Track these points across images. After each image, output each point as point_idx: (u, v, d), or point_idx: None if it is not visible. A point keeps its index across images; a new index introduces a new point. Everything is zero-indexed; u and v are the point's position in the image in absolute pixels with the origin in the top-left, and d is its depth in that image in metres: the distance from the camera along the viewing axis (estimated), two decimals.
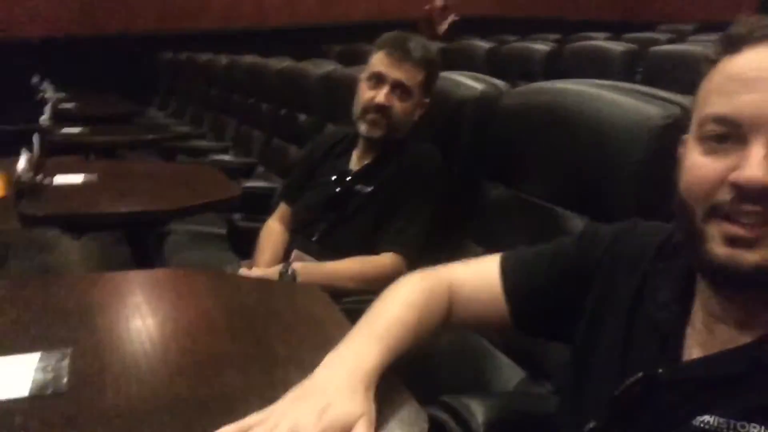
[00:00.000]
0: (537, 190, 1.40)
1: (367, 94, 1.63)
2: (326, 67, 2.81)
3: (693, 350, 0.69)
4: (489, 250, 1.53)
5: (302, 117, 2.90)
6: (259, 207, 2.29)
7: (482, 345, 1.35)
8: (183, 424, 0.73)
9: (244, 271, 1.56)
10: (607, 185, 1.19)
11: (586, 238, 0.88)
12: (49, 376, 0.81)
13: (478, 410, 1.02)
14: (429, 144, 1.67)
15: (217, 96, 4.39)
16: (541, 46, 4.10)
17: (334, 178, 1.70)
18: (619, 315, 0.78)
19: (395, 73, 1.60)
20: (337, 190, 1.67)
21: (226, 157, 3.36)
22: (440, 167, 1.63)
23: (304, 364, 0.77)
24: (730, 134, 0.63)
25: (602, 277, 0.83)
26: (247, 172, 3.10)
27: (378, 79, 1.62)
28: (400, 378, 0.79)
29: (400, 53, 1.60)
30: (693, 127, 0.69)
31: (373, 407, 0.72)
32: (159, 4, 7.14)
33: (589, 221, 1.24)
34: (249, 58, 3.98)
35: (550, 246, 0.91)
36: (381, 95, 1.59)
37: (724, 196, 0.62)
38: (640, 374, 0.68)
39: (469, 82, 1.66)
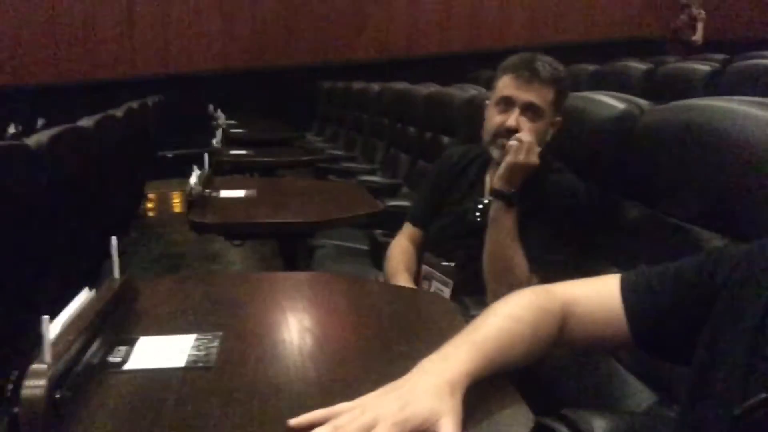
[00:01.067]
0: (677, 210, 1.36)
1: (496, 119, 1.61)
2: (471, 91, 2.88)
3: None
4: (627, 270, 1.52)
5: (446, 140, 2.99)
6: (401, 225, 2.39)
7: (609, 363, 1.33)
8: (307, 401, 0.81)
9: None
10: (749, 205, 1.13)
11: (713, 257, 0.85)
12: (202, 353, 0.93)
13: (599, 426, 1.01)
14: (571, 174, 1.65)
15: (368, 121, 4.61)
16: (701, 66, 3.87)
17: (476, 206, 1.70)
18: (745, 335, 0.75)
19: (524, 95, 1.58)
20: (478, 218, 1.67)
21: (374, 178, 3.53)
22: (582, 197, 1.60)
23: (419, 361, 0.82)
24: None
25: (727, 296, 0.80)
26: (393, 191, 3.24)
27: (507, 103, 1.60)
28: (512, 385, 0.82)
29: (527, 74, 1.58)
30: None
31: (459, 409, 0.72)
32: (318, 36, 7.63)
33: (729, 243, 1.20)
34: (399, 85, 4.15)
35: (674, 265, 0.89)
36: (512, 119, 1.57)
37: None
38: (765, 395, 0.66)
39: (610, 101, 1.65)
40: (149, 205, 5.96)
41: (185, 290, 1.21)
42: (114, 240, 1.04)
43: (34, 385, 0.72)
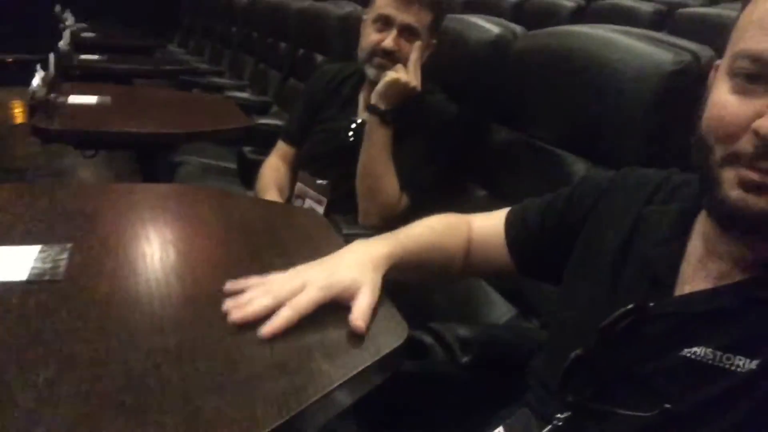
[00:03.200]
0: (544, 133, 1.40)
1: (373, 37, 1.57)
2: (346, 7, 2.77)
3: (685, 286, 0.70)
4: (493, 193, 1.57)
5: (319, 58, 2.89)
6: (271, 143, 2.30)
7: (476, 282, 1.38)
8: (170, 314, 0.76)
9: None
10: (614, 130, 1.18)
11: (580, 186, 0.91)
12: (48, 265, 0.84)
13: (462, 336, 1.05)
14: (443, 95, 1.64)
15: (236, 35, 4.36)
16: (566, 2, 4.01)
17: (350, 124, 1.67)
18: (609, 253, 0.79)
19: (403, 16, 1.54)
20: (351, 138, 1.65)
21: (243, 94, 3.36)
22: (455, 119, 1.61)
23: None
24: (762, 75, 0.60)
25: (594, 220, 0.85)
26: (262, 109, 3.11)
27: (384, 22, 1.56)
28: (388, 299, 0.81)
29: None
30: (725, 59, 0.65)
31: (378, 283, 0.79)
32: None
33: (592, 166, 1.26)
34: None
35: (549, 196, 0.95)
36: (389, 40, 1.54)
37: (746, 146, 0.60)
38: (631, 305, 0.69)
39: (486, 25, 1.65)
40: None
41: (28, 199, 1.07)
42: None
43: None
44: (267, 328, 0.71)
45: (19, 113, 5.28)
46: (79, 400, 0.58)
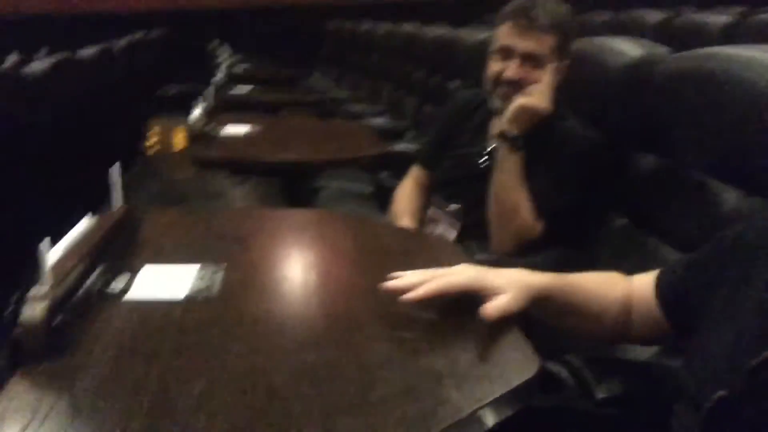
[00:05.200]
0: (690, 160, 1.33)
1: (495, 67, 1.57)
2: (480, 34, 2.80)
3: None
4: (635, 222, 1.51)
5: (454, 84, 2.93)
6: (407, 168, 2.36)
7: None
8: (311, 334, 0.80)
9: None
10: (765, 158, 1.10)
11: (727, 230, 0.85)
12: (204, 284, 0.92)
13: (599, 371, 1.01)
14: (577, 119, 1.60)
15: (375, 63, 4.52)
16: (719, 17, 3.76)
17: (482, 150, 1.66)
18: (760, 290, 0.74)
19: (523, 44, 1.52)
20: (483, 164, 1.64)
21: (380, 121, 3.48)
22: (590, 144, 1.56)
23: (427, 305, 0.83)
24: None
25: (743, 255, 0.80)
26: (399, 135, 3.20)
27: (506, 52, 1.55)
28: (518, 329, 0.81)
29: (525, 21, 1.52)
30: None
31: (522, 302, 0.82)
32: None
33: (744, 196, 1.17)
34: (407, 26, 4.05)
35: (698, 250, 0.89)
36: (510, 69, 1.53)
37: None
38: None
39: (626, 48, 1.59)
40: (151, 142, 5.90)
41: (188, 223, 1.19)
42: (116, 168, 1.02)
43: (33, 309, 0.71)
44: (410, 294, 0.78)
45: (179, 141, 5.80)
46: (229, 412, 0.64)
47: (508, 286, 0.82)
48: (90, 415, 0.63)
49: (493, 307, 0.79)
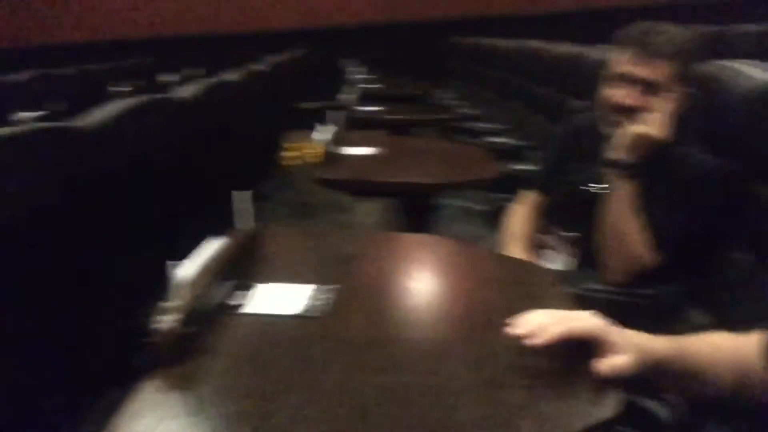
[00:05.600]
0: None
1: (608, 93, 1.54)
2: (605, 53, 2.73)
3: None
4: (760, 256, 1.43)
5: (578, 102, 2.88)
6: (523, 189, 2.38)
7: None
8: (408, 356, 0.87)
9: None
10: None
11: None
12: (317, 303, 1.01)
13: (703, 415, 0.99)
14: (698, 148, 1.53)
15: (501, 79, 4.52)
16: None
17: (595, 176, 1.64)
18: None
19: (639, 72, 1.48)
20: (596, 191, 1.62)
21: (501, 139, 3.49)
22: (712, 174, 1.49)
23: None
24: None
25: None
26: (519, 154, 3.19)
27: (621, 79, 1.52)
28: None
29: (641, 49, 1.48)
30: None
31: (637, 367, 0.79)
32: None
33: None
34: (532, 43, 4.02)
35: None
36: (626, 96, 1.50)
37: None
38: None
39: (756, 72, 1.52)
40: (286, 154, 6.25)
41: (307, 243, 1.30)
42: (243, 194, 1.14)
43: (167, 320, 0.83)
44: (537, 340, 0.79)
45: (312, 155, 6.11)
46: (322, 424, 0.71)
47: (628, 347, 0.81)
48: (205, 417, 0.74)
49: (608, 366, 0.78)
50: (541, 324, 0.82)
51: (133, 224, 1.43)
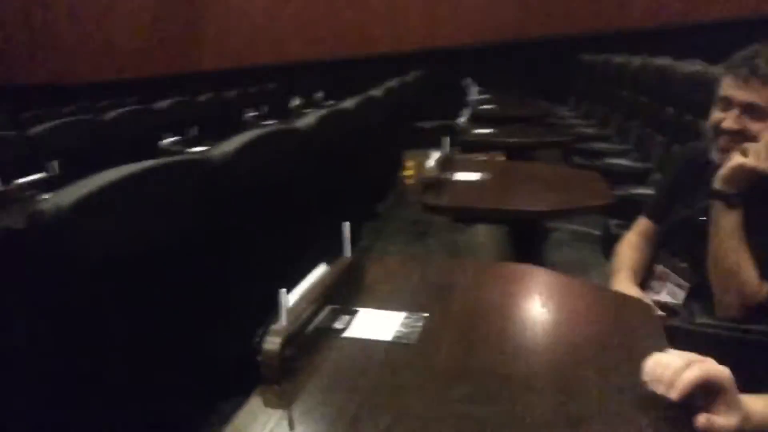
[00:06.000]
0: None
1: (715, 116, 1.52)
2: None
3: None
4: None
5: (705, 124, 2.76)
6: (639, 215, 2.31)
7: None
8: (490, 388, 0.91)
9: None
10: None
11: None
12: (407, 330, 1.08)
13: None
14: None
15: (625, 98, 4.39)
16: None
17: (703, 205, 1.59)
18: None
19: (742, 95, 1.46)
20: (704, 222, 1.56)
21: (622, 161, 3.39)
22: None
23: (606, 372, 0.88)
24: None
25: None
26: (641, 177, 3.09)
27: (726, 103, 1.50)
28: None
29: (745, 72, 1.45)
30: None
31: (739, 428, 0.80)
32: (583, 3, 7.31)
33: None
34: (660, 60, 3.88)
35: None
36: (729, 120, 1.48)
37: None
38: None
39: None
40: (406, 173, 6.39)
41: (405, 271, 1.37)
42: (347, 225, 1.23)
43: (272, 342, 0.93)
44: (673, 393, 0.79)
45: (420, 178, 6.22)
46: None
47: (739, 411, 0.81)
48: None
49: (711, 424, 0.78)
50: (675, 368, 0.81)
51: (254, 251, 1.57)
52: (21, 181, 2.34)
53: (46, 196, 2.33)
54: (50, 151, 2.78)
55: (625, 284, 1.66)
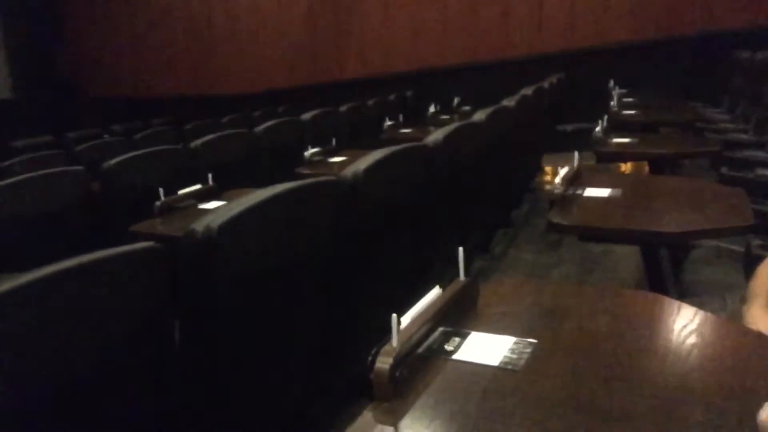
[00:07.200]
0: None
1: None
2: None
3: None
4: None
5: None
6: None
7: None
8: (601, 420, 0.93)
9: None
10: None
11: None
12: (514, 356, 1.12)
13: None
14: None
15: None
16: None
17: None
18: None
19: None
20: None
21: None
22: None
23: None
24: None
25: None
26: None
27: None
28: None
29: None
30: None
31: None
32: None
33: None
34: None
35: None
36: None
37: None
38: None
39: None
40: (544, 178, 6.28)
41: (519, 295, 1.40)
42: (461, 249, 1.29)
43: (382, 362, 1.01)
44: None
45: (552, 189, 6.06)
46: None
47: None
48: None
49: None
50: None
51: (379, 270, 1.67)
52: (181, 192, 2.64)
53: (201, 206, 2.61)
54: (208, 164, 3.10)
55: (759, 313, 1.57)
